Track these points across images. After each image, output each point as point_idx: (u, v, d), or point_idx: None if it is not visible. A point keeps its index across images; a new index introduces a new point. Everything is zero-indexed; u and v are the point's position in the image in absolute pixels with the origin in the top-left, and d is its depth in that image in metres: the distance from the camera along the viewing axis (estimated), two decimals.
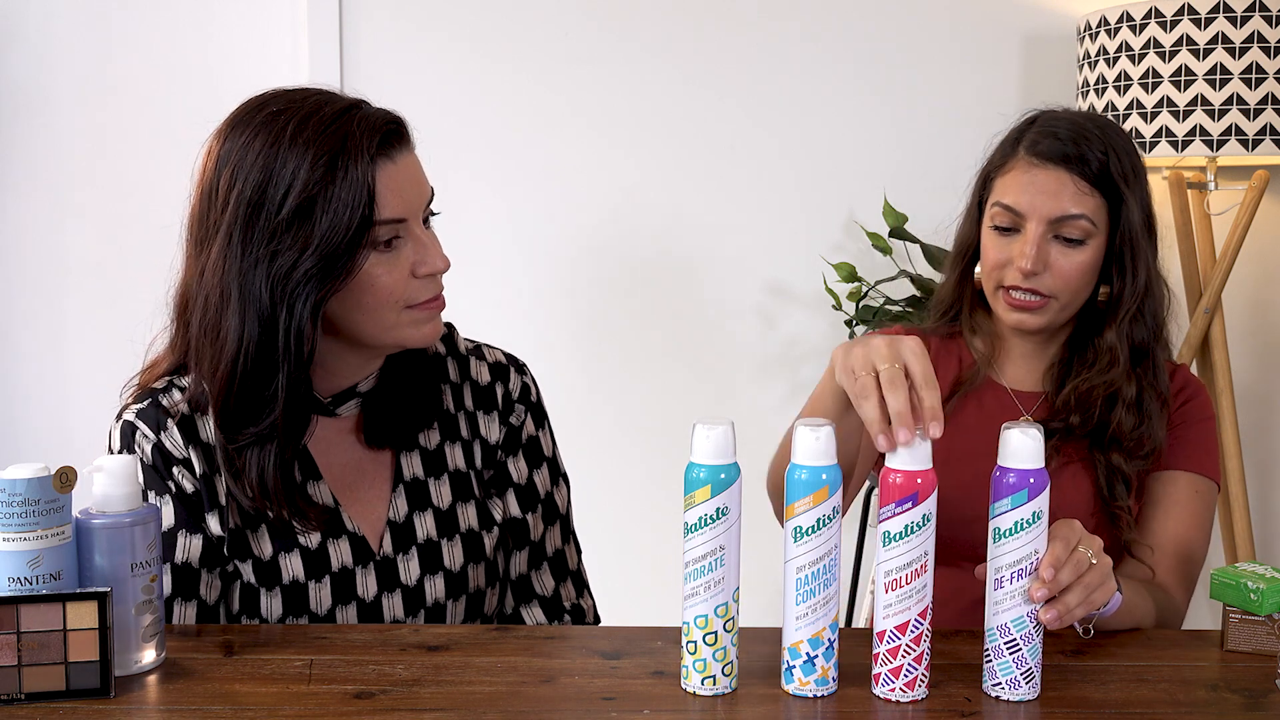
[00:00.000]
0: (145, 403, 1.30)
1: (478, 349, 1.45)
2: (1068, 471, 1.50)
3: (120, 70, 2.67)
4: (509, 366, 1.44)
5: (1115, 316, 1.51)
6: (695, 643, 1.08)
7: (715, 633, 1.08)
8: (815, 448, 1.06)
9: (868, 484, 2.47)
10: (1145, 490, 1.53)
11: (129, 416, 1.31)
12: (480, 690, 1.09)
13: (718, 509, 1.06)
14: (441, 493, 1.37)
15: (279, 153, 1.21)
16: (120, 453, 1.29)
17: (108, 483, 1.11)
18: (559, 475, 1.46)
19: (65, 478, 1.08)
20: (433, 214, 1.32)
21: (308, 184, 1.20)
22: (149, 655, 1.13)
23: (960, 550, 1.46)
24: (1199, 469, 1.52)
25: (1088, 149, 1.47)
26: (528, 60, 2.63)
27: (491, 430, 1.40)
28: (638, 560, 2.61)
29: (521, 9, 2.62)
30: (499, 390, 1.42)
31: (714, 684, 1.09)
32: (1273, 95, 2.19)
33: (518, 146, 2.66)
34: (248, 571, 1.29)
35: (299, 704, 1.06)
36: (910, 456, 1.06)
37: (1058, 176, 1.47)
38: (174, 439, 1.29)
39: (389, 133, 1.25)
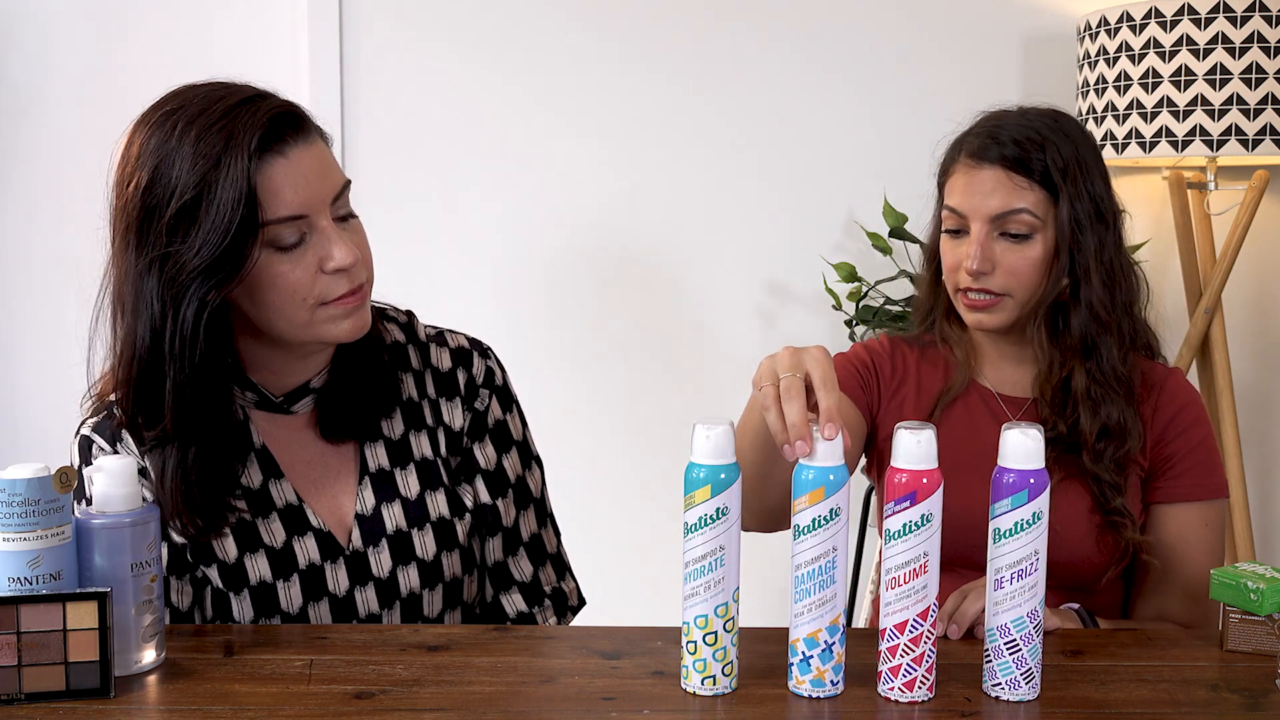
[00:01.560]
0: (100, 416, 1.31)
1: (439, 335, 1.43)
2: (1064, 488, 1.47)
3: (120, 71, 2.67)
4: (472, 351, 1.42)
5: (1051, 309, 1.50)
6: (695, 643, 1.08)
7: (715, 633, 1.08)
8: (815, 448, 1.06)
9: (869, 484, 2.47)
10: (1154, 524, 1.50)
11: (85, 431, 1.32)
12: (480, 690, 1.09)
13: (718, 509, 1.06)
14: (409, 482, 1.36)
15: (167, 153, 1.20)
16: (81, 467, 1.30)
17: (107, 483, 1.11)
18: (531, 458, 1.44)
19: (65, 478, 1.08)
20: (351, 214, 1.28)
21: (190, 185, 1.18)
22: (149, 655, 1.13)
23: (958, 559, 1.43)
24: (1206, 494, 1.50)
25: (1025, 145, 1.47)
26: (527, 60, 2.63)
27: (455, 416, 1.39)
28: (638, 560, 2.61)
29: (521, 10, 2.62)
30: (461, 376, 1.40)
31: (714, 684, 1.09)
32: (1273, 95, 2.19)
33: (518, 145, 2.65)
34: (214, 576, 1.29)
35: (299, 704, 1.06)
36: (914, 455, 1.06)
37: (994, 175, 1.47)
38: (129, 449, 1.29)
39: (277, 127, 1.21)
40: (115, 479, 1.11)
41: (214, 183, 1.17)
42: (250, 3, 2.66)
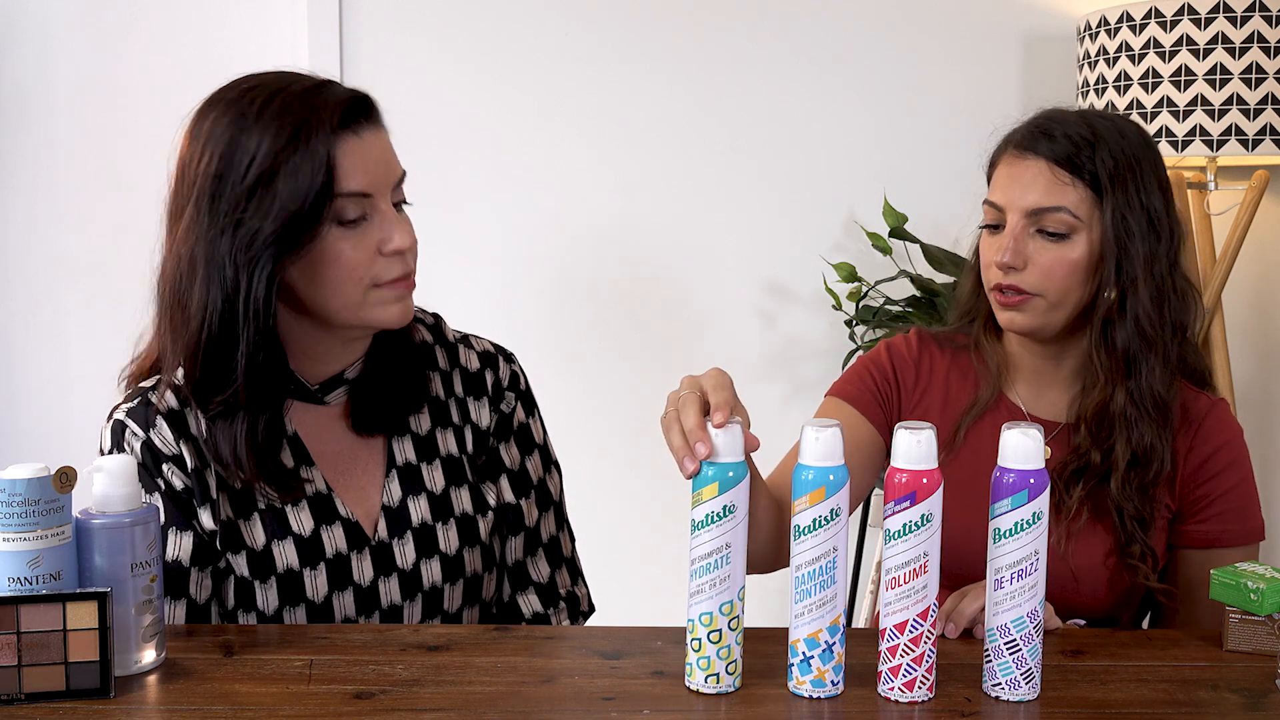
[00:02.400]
0: (135, 401, 1.32)
1: (465, 338, 1.46)
2: (1088, 531, 1.42)
3: (120, 70, 2.67)
4: (497, 355, 1.46)
5: (1090, 321, 1.43)
6: (700, 640, 1.08)
7: (720, 630, 1.08)
8: (816, 448, 1.06)
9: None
10: (1182, 565, 1.46)
11: (119, 415, 1.32)
12: (480, 690, 1.09)
13: (724, 506, 1.06)
14: (434, 477, 1.38)
15: (245, 125, 1.23)
16: (111, 452, 1.30)
17: (108, 483, 1.11)
18: (551, 463, 1.47)
19: (65, 478, 1.08)
20: (405, 202, 1.32)
21: (270, 153, 1.22)
22: (149, 655, 1.13)
23: (976, 579, 1.32)
24: (1236, 541, 1.44)
25: (1077, 142, 1.40)
26: (527, 59, 2.64)
27: (482, 416, 1.42)
28: (639, 561, 2.61)
29: (521, 9, 2.62)
30: (489, 378, 1.43)
31: (718, 682, 1.09)
32: (1273, 95, 2.19)
33: (517, 145, 2.66)
34: (241, 564, 1.29)
35: (299, 704, 1.06)
36: (914, 455, 1.06)
37: (1036, 167, 1.41)
38: (163, 436, 1.30)
39: (354, 108, 1.26)
40: (115, 479, 1.11)
41: (294, 152, 1.22)
42: (250, 3, 2.66)
